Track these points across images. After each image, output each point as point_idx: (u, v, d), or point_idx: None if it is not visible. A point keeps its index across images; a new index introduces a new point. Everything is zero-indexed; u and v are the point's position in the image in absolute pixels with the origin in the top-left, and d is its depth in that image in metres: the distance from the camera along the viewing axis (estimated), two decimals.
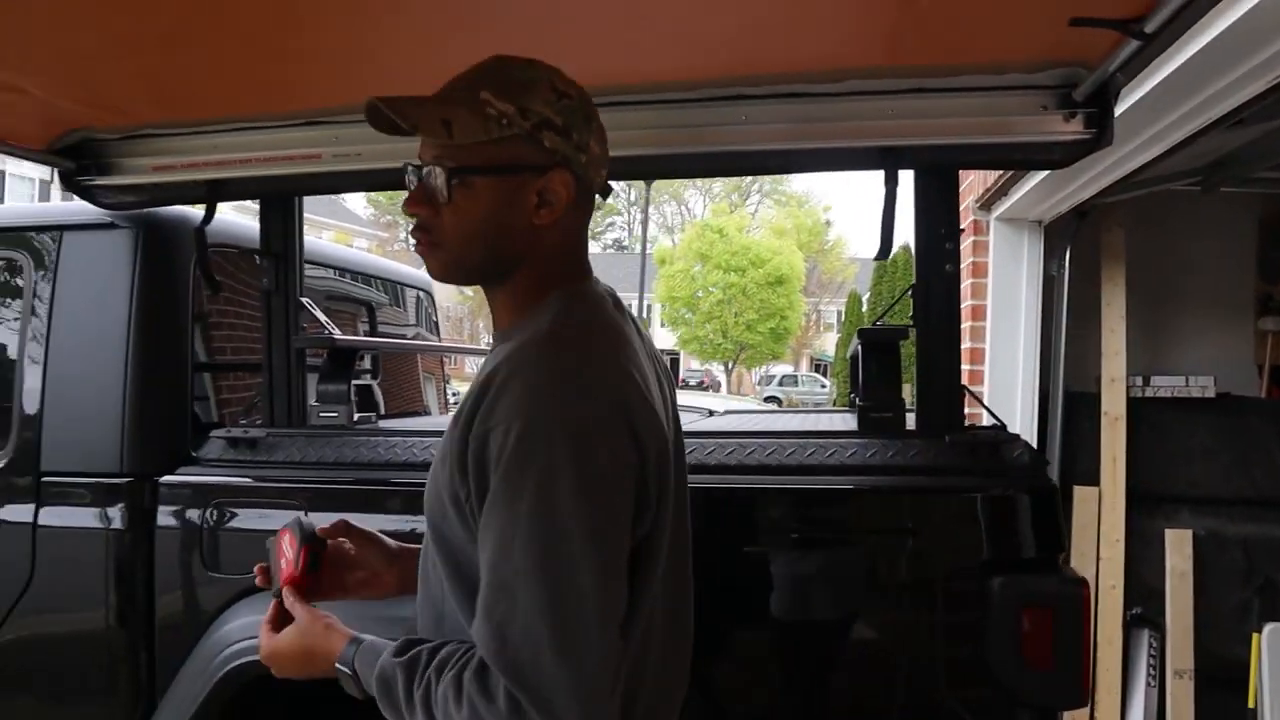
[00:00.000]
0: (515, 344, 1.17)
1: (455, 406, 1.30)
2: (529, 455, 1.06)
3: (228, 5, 1.60)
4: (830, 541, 1.94)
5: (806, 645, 1.96)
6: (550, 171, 1.22)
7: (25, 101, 1.99)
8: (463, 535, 1.18)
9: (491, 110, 1.19)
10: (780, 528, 1.96)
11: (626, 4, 1.62)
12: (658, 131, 2.03)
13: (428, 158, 1.23)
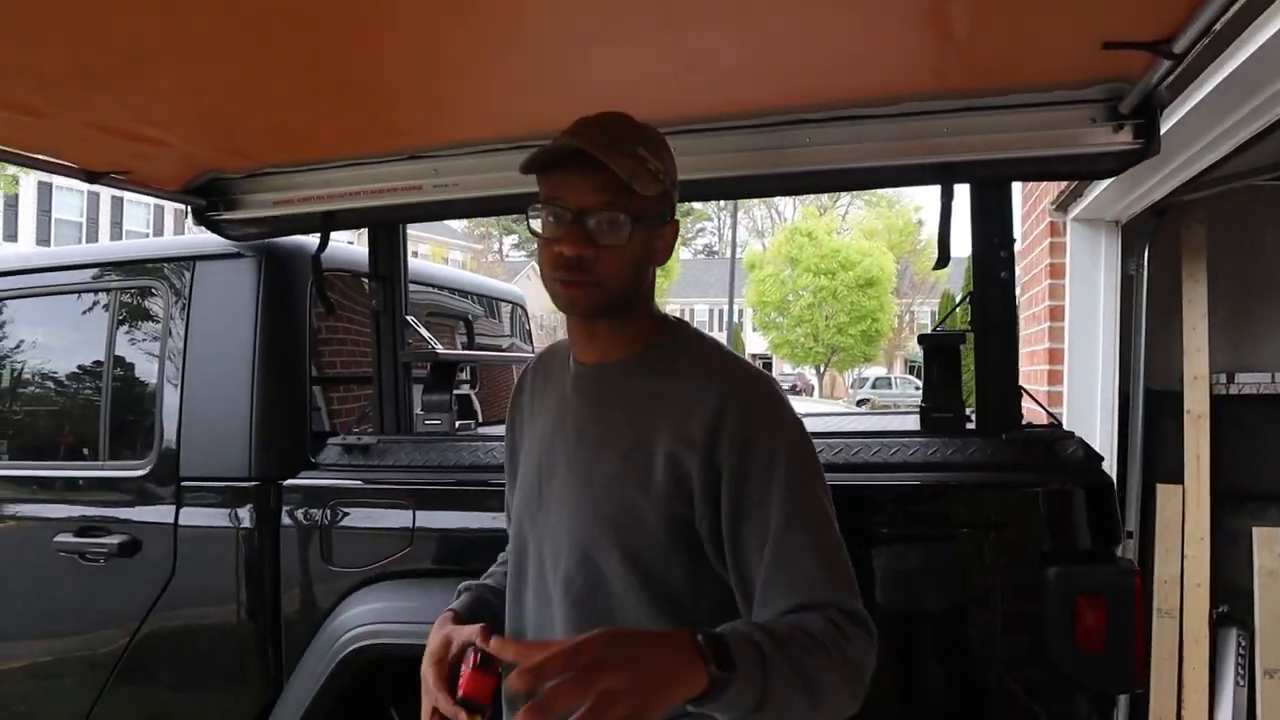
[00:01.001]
0: (711, 361, 1.45)
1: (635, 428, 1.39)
2: (806, 461, 1.37)
3: (337, 66, 1.83)
4: (891, 535, 2.07)
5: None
6: (671, 221, 1.45)
7: (167, 151, 2.26)
8: (670, 551, 1.36)
9: (652, 166, 1.36)
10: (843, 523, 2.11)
11: (701, 47, 1.78)
12: (727, 156, 2.19)
13: (593, 203, 1.33)
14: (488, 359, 3.91)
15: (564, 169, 1.35)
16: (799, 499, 1.32)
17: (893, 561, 2.04)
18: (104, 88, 1.84)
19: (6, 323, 3.05)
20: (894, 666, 2.06)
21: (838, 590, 1.29)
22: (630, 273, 1.39)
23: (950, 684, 2.04)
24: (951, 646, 2.04)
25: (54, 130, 2.07)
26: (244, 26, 1.60)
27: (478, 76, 1.96)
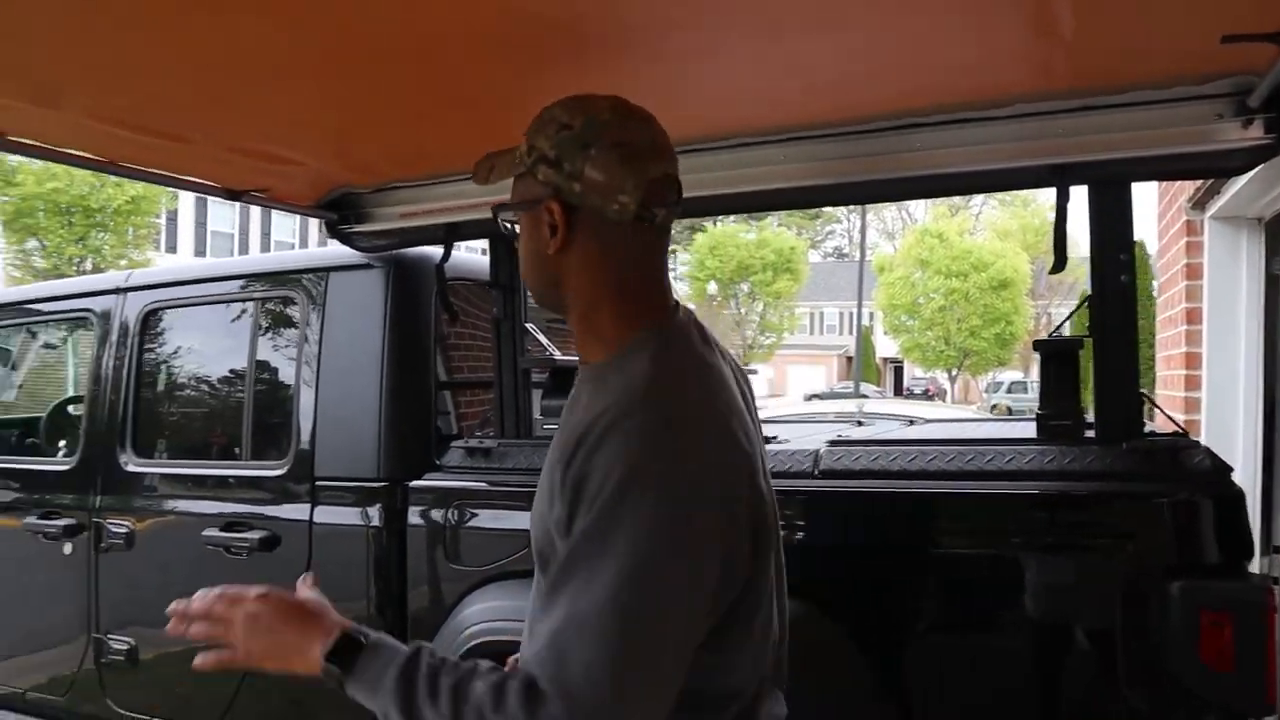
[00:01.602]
0: (617, 387, 1.20)
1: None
2: (624, 503, 1.10)
3: (453, 86, 1.92)
4: (1003, 545, 2.04)
5: (986, 643, 2.06)
6: (545, 202, 1.26)
7: (300, 169, 2.41)
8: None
9: (519, 151, 1.31)
10: (955, 530, 2.09)
11: (803, 55, 1.80)
12: (834, 163, 2.20)
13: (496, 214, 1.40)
14: None
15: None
16: (585, 552, 1.10)
17: (1006, 572, 2.00)
18: (239, 113, 1.97)
19: (166, 330, 3.28)
20: (1008, 680, 2.03)
21: (549, 669, 1.07)
22: (531, 268, 1.34)
23: (1072, 697, 2.00)
24: (1069, 660, 1.99)
25: (198, 154, 2.24)
26: (365, 52, 1.70)
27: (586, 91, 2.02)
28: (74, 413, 3.51)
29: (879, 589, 2.12)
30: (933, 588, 2.09)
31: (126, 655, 2.98)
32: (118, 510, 3.05)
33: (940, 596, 2.07)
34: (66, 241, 18.90)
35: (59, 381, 4.18)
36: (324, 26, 1.61)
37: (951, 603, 2.06)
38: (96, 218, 19.13)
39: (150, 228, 21.46)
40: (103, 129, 2.03)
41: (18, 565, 3.35)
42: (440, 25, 1.64)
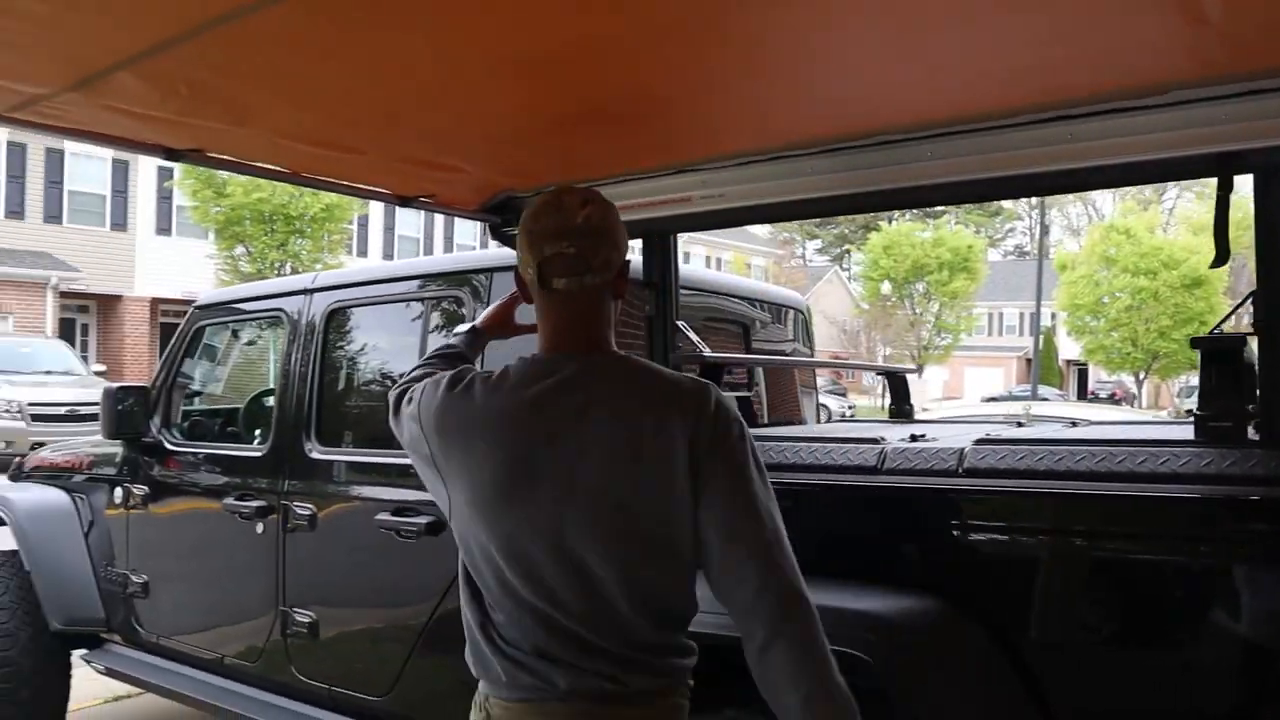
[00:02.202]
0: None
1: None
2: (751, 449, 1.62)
3: (606, 92, 2.01)
4: (1156, 551, 1.97)
5: (1126, 649, 2.00)
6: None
7: (465, 177, 2.56)
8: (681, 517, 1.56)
9: None
10: (1102, 533, 2.04)
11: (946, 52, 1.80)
12: (981, 158, 2.18)
13: None
14: (758, 361, 4.02)
15: None
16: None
17: (1153, 577, 1.95)
18: (406, 126, 2.13)
19: (347, 328, 3.53)
20: (1144, 687, 1.97)
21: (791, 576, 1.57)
22: None
23: (1223, 708, 1.92)
24: (1217, 669, 1.91)
25: (371, 164, 2.42)
26: (519, 67, 1.81)
27: (737, 95, 2.09)
28: (267, 404, 3.81)
29: (1021, 590, 2.09)
30: (1075, 591, 2.05)
31: (308, 628, 3.22)
32: (302, 494, 3.30)
33: (1084, 600, 2.02)
34: (269, 247, 20.27)
35: (257, 375, 4.54)
36: (481, 45, 1.73)
37: (1094, 607, 2.01)
38: (295, 225, 20.43)
39: (343, 233, 22.74)
40: (288, 144, 2.24)
41: (219, 543, 3.66)
42: (587, 39, 1.73)
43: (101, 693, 4.91)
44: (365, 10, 1.54)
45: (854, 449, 2.42)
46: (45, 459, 4.69)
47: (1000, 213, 59.22)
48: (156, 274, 22.62)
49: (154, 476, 3.92)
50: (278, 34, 1.63)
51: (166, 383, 4.05)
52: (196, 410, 4.32)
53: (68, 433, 10.96)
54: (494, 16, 1.62)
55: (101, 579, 4.07)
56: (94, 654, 4.10)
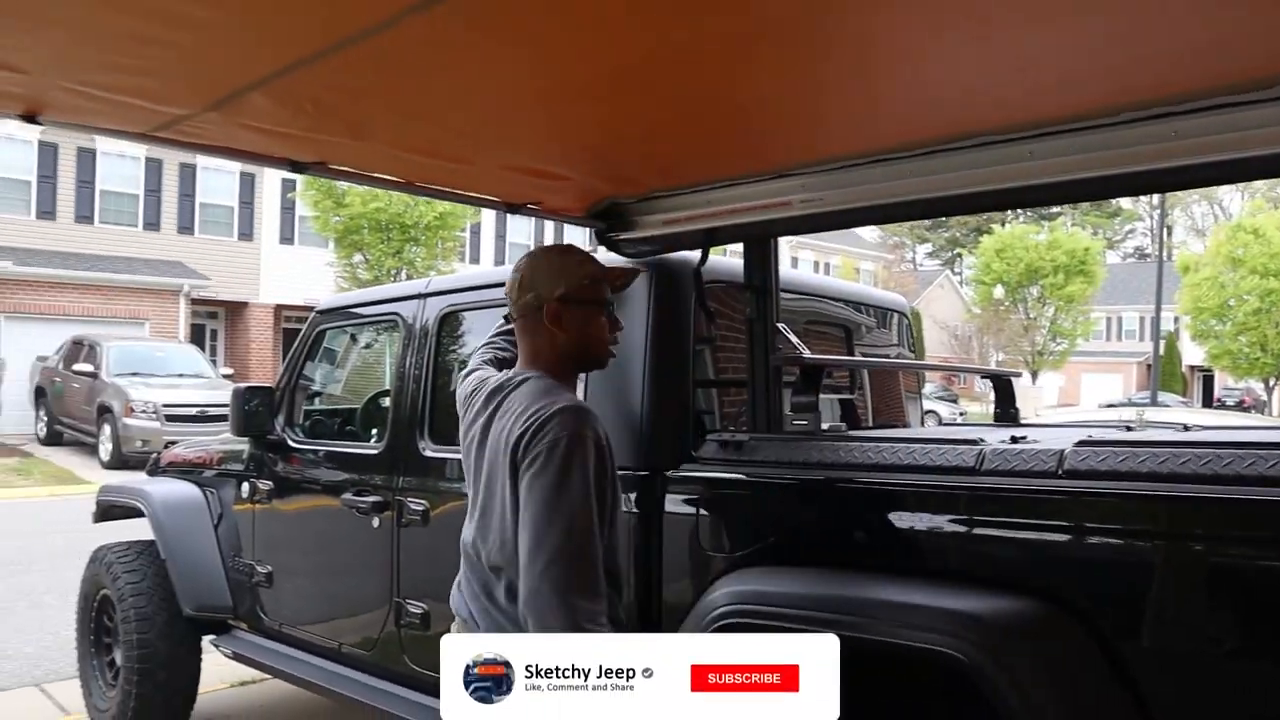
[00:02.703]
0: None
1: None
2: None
3: (704, 102, 2.07)
4: (1263, 555, 1.93)
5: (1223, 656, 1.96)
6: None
7: (570, 185, 2.66)
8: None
9: None
10: (1203, 536, 2.01)
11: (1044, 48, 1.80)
12: (1084, 157, 2.16)
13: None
14: (859, 364, 4.01)
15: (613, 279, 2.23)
16: None
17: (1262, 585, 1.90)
18: (513, 137, 2.23)
19: (459, 331, 3.66)
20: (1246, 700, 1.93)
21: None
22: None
23: None
24: None
25: (480, 173, 2.53)
26: (617, 77, 1.89)
27: (835, 100, 2.13)
28: (384, 404, 3.97)
29: (1123, 593, 2.06)
30: (1178, 596, 2.01)
31: (421, 619, 3.36)
32: (416, 490, 3.44)
33: (1186, 606, 1.99)
34: (385, 255, 20.91)
35: (374, 376, 4.73)
36: (582, 58, 1.82)
37: (1197, 614, 1.97)
38: (410, 233, 21.02)
39: (456, 240, 23.32)
40: (402, 155, 2.37)
41: (338, 536, 3.84)
42: (685, 50, 1.79)
43: (228, 678, 5.18)
44: (472, 30, 1.63)
45: (952, 450, 2.42)
46: (179, 455, 4.98)
47: (1119, 213, 57.16)
48: (280, 281, 23.59)
49: (277, 472, 4.13)
50: (393, 55, 1.74)
51: (290, 384, 4.26)
52: (317, 410, 4.54)
53: (198, 432, 11.55)
54: (594, 31, 1.70)
55: (229, 568, 4.30)
56: (222, 639, 4.34)
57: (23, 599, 7.10)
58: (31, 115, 2.10)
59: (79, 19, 1.63)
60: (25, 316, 19.23)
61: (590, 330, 2.15)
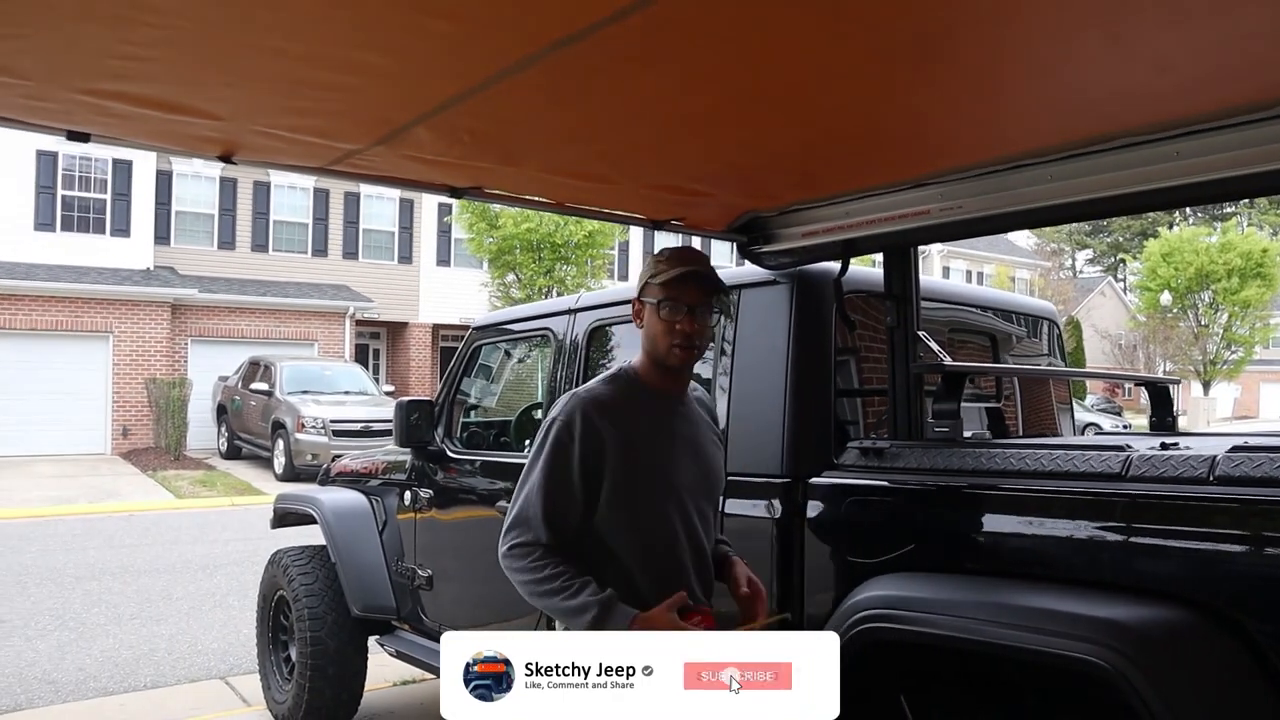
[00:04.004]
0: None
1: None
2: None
3: (835, 118, 2.13)
4: None
5: None
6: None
7: (710, 200, 2.75)
8: None
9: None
10: None
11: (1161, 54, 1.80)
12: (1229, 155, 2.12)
13: (701, 302, 2.19)
14: (1000, 371, 3.95)
15: (684, 280, 2.17)
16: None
17: None
18: (655, 157, 2.35)
19: (606, 344, 3.80)
20: None
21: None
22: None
23: None
24: None
25: (625, 192, 2.66)
26: (757, 99, 1.98)
27: (970, 111, 2.16)
28: (536, 416, 4.15)
29: (1272, 600, 2.00)
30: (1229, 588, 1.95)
31: None
32: None
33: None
34: (537, 274, 21.49)
35: (527, 389, 4.93)
36: (722, 82, 1.91)
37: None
38: (560, 252, 21.56)
39: (604, 258, 23.78)
40: (551, 178, 2.52)
41: (493, 543, 4.01)
42: (821, 71, 1.87)
43: (391, 676, 5.46)
44: (618, 60, 1.75)
45: (1098, 456, 2.39)
46: (346, 466, 5.30)
47: None
48: (437, 302, 24.55)
49: (437, 481, 4.36)
50: (541, 86, 1.88)
51: (448, 397, 4.50)
52: (474, 421, 4.76)
53: (363, 446, 12.15)
54: (738, 59, 1.79)
55: (393, 572, 4.56)
56: (386, 639, 4.59)
57: (209, 599, 7.64)
58: (227, 156, 2.35)
59: (269, 71, 1.83)
60: (208, 340, 20.62)
61: (650, 329, 2.25)
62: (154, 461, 17.32)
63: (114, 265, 19.39)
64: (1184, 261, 31.44)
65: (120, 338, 19.08)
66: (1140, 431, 3.74)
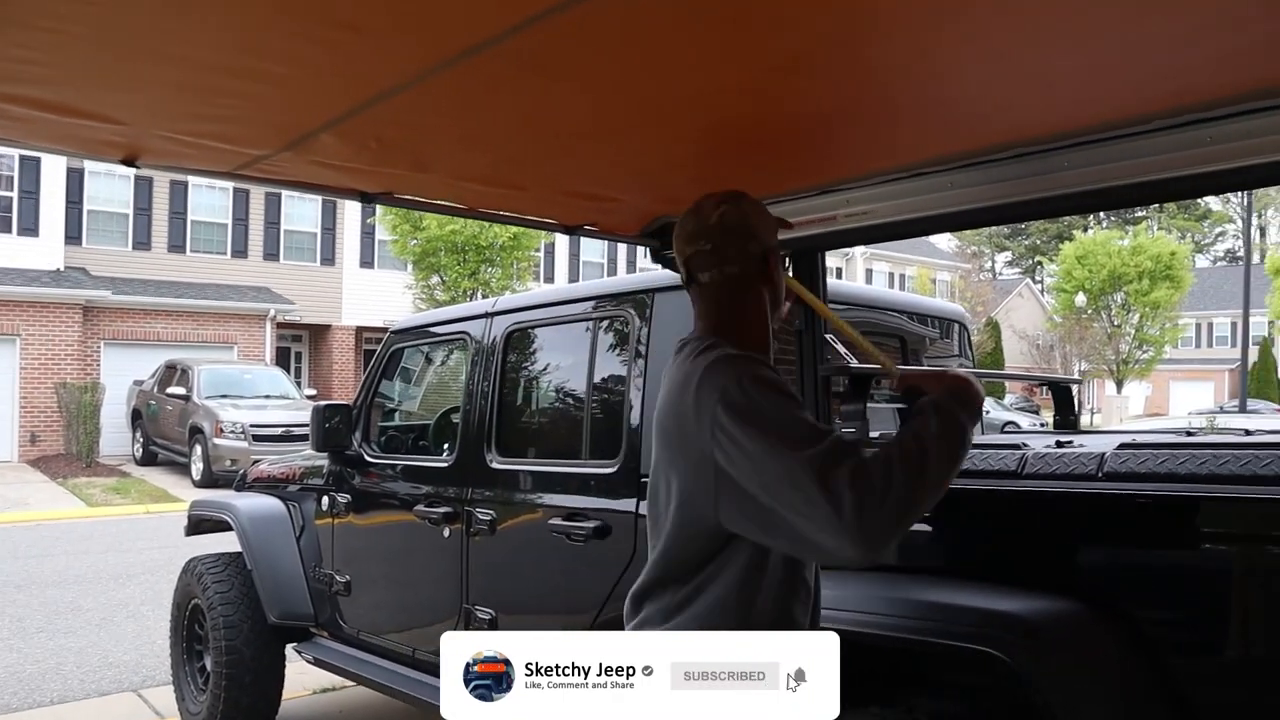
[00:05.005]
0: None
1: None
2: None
3: (742, 125, 2.18)
4: None
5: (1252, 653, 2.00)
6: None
7: (623, 206, 2.79)
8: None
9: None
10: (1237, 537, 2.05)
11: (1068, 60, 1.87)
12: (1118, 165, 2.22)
13: None
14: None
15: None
16: None
17: None
18: (565, 164, 2.38)
19: (523, 348, 3.82)
20: None
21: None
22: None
23: None
24: None
25: (535, 198, 2.68)
26: (663, 107, 2.02)
27: (874, 120, 2.22)
28: (454, 419, 4.15)
29: (1159, 592, 2.11)
30: (1213, 595, 2.05)
31: (488, 624, 3.51)
32: (484, 501, 3.60)
33: (1223, 604, 2.03)
34: (461, 276, 21.34)
35: (446, 392, 4.93)
36: (628, 92, 1.95)
37: (1233, 611, 2.01)
38: (485, 254, 21.43)
39: (530, 260, 23.71)
40: (463, 184, 2.53)
41: (411, 546, 4.02)
42: (725, 82, 1.91)
43: (310, 685, 5.40)
44: (524, 71, 1.77)
45: (995, 454, 2.48)
46: (263, 470, 5.23)
47: (1209, 216, 55.49)
48: (360, 304, 24.24)
49: (355, 486, 4.33)
50: (448, 94, 1.89)
51: (366, 401, 4.47)
52: (392, 425, 4.74)
53: (284, 451, 11.95)
54: (641, 69, 1.82)
55: (310, 578, 4.52)
56: (304, 646, 4.55)
57: (121, 610, 7.46)
58: (130, 160, 2.32)
59: (170, 78, 1.82)
60: (122, 343, 20.08)
61: (776, 286, 1.95)
62: (64, 469, 16.82)
63: (21, 266, 18.76)
64: (1098, 264, 32.42)
65: (28, 341, 18.48)
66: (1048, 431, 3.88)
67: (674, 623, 1.71)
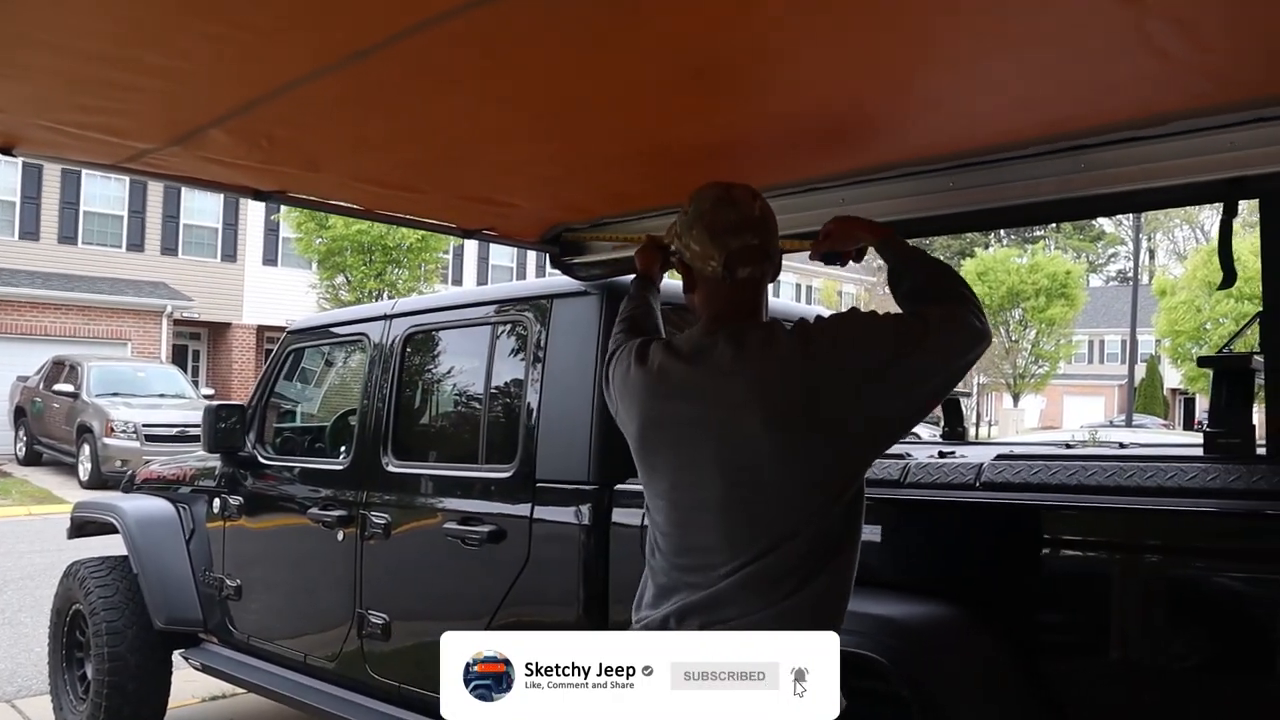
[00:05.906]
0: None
1: None
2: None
3: (641, 136, 2.21)
4: (1164, 563, 2.07)
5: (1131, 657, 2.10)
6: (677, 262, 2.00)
7: (521, 212, 2.80)
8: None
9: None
10: (1107, 544, 2.15)
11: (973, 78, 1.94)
12: (995, 188, 2.31)
13: None
14: None
15: None
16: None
17: (1165, 589, 2.04)
18: (461, 168, 2.38)
19: (422, 351, 3.79)
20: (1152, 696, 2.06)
21: None
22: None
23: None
24: (1219, 679, 2.00)
25: (434, 201, 2.68)
26: (559, 114, 2.04)
27: (763, 135, 2.27)
28: (351, 421, 4.09)
29: (1031, 598, 2.20)
30: (1082, 600, 2.15)
31: (382, 629, 3.47)
32: (379, 505, 3.56)
33: (1091, 609, 2.13)
34: (367, 277, 21.02)
35: (343, 394, 4.85)
36: (520, 99, 1.96)
37: (1101, 615, 2.11)
38: (392, 255, 21.14)
39: (438, 262, 23.44)
40: (357, 186, 2.51)
41: (304, 550, 3.95)
42: (619, 90, 1.94)
43: (199, 692, 5.25)
44: (410, 76, 1.78)
45: (880, 463, 2.55)
46: (153, 472, 5.08)
47: (1102, 237, 57.70)
48: (263, 303, 23.66)
49: (248, 488, 4.24)
50: (339, 95, 1.88)
51: (261, 401, 4.38)
52: (287, 427, 4.65)
53: (178, 452, 11.61)
54: (530, 78, 1.84)
55: (200, 582, 4.40)
56: (191, 652, 4.43)
57: None
58: (7, 149, 2.25)
59: (48, 66, 1.77)
60: (6, 337, 19.25)
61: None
62: None
63: None
64: (997, 280, 33.39)
65: None
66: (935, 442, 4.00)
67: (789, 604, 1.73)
